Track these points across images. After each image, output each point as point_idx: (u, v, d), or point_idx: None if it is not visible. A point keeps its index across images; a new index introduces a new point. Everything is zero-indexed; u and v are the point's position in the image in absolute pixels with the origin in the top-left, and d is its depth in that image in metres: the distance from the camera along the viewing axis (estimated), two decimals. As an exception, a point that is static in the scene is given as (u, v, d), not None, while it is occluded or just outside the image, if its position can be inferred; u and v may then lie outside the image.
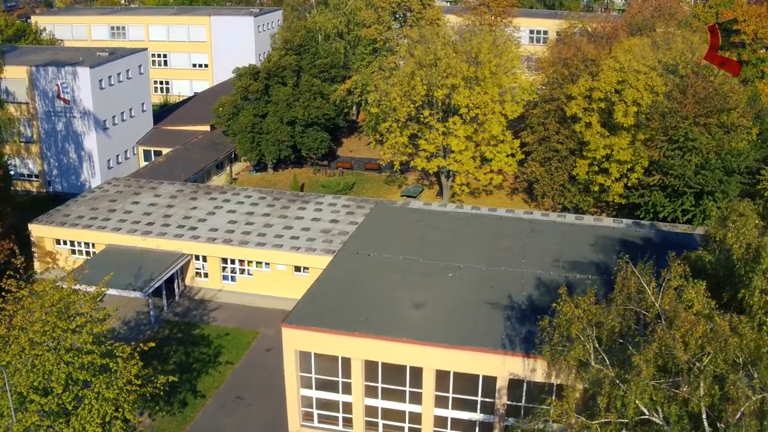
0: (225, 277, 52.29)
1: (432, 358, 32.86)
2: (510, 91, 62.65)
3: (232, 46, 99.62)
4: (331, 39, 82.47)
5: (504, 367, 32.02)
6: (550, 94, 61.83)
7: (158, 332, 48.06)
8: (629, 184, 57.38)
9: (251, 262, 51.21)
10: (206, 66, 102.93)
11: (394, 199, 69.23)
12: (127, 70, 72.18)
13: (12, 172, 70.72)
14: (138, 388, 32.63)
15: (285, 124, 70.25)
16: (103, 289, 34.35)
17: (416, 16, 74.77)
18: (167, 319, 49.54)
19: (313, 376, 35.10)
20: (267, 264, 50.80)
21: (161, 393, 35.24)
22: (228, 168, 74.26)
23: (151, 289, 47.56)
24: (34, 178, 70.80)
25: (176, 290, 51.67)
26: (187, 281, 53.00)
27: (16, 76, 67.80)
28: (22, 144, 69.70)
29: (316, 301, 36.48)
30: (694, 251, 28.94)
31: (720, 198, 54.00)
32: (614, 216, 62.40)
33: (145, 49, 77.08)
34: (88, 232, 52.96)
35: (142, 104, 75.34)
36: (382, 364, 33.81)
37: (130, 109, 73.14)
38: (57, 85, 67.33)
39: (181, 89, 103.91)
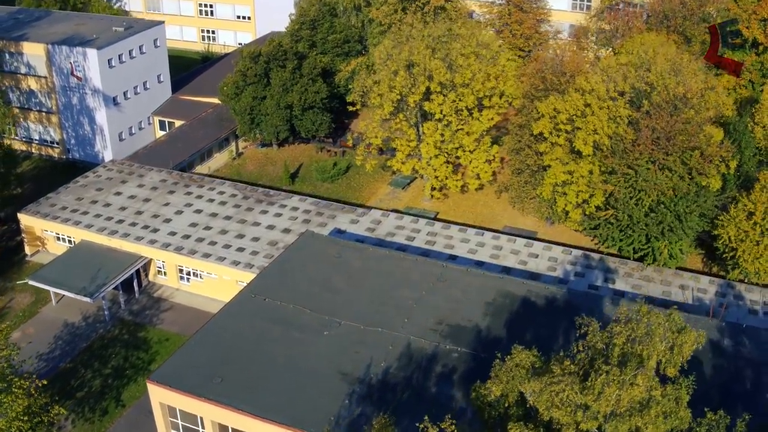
0: (181, 278, 56.36)
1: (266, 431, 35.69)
2: (497, 94, 61.14)
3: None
4: (348, 12, 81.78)
5: (325, 450, 34.38)
6: (523, 105, 60.07)
7: (109, 331, 53.07)
8: (587, 212, 55.99)
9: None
10: (249, 18, 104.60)
11: (381, 190, 70.30)
12: (141, 46, 75.26)
13: (36, 139, 77.18)
14: (24, 424, 37.64)
15: (282, 108, 71.80)
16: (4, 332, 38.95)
17: (422, 1, 72.76)
18: (122, 318, 54.38)
19: (180, 422, 38.86)
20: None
21: (54, 421, 40.32)
22: (233, 143, 77.18)
23: (102, 295, 52.28)
24: (55, 145, 76.61)
25: (136, 288, 56.23)
26: (151, 277, 57.51)
27: (35, 52, 72.68)
28: (44, 113, 75.25)
29: (190, 354, 39.77)
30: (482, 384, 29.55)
31: (674, 240, 52.10)
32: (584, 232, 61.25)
33: (162, 22, 79.55)
34: (65, 226, 58.03)
35: (158, 76, 78.69)
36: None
37: (145, 83, 76.69)
38: (70, 63, 71.65)
39: (226, 39, 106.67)
